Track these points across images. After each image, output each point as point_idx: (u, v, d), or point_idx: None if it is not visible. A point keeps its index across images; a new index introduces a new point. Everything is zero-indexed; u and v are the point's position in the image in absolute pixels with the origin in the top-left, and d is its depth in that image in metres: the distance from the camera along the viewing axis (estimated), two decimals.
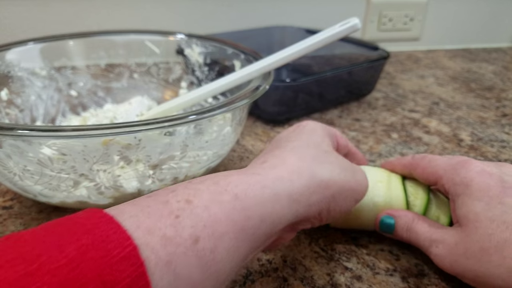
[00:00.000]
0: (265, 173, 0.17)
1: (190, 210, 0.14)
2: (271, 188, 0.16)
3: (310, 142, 0.21)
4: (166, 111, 0.29)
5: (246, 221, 0.15)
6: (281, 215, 0.16)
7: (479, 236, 0.19)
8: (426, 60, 0.68)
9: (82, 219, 0.13)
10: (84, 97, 0.37)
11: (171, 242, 0.13)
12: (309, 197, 0.18)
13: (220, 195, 0.15)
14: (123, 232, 0.12)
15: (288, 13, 0.64)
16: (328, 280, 0.22)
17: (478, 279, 0.19)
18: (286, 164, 0.18)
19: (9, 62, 0.32)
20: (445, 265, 0.21)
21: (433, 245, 0.22)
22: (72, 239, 0.12)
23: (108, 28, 0.55)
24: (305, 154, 0.19)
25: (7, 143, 0.21)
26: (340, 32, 0.24)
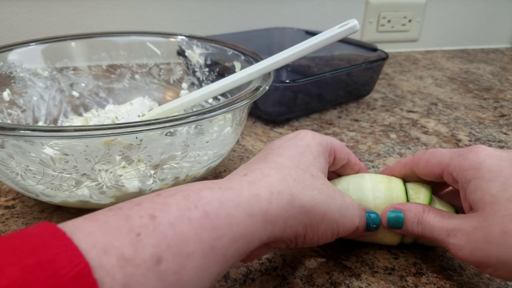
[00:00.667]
0: (241, 189, 0.16)
1: (153, 227, 0.13)
2: (245, 208, 0.15)
3: (300, 161, 0.19)
4: (167, 112, 0.29)
5: (216, 241, 0.14)
6: (254, 236, 0.15)
7: (499, 218, 0.18)
8: (424, 61, 0.69)
9: (33, 235, 0.12)
10: (86, 97, 0.37)
11: (129, 263, 0.12)
12: (285, 221, 0.17)
13: (188, 212, 0.14)
14: (74, 249, 0.11)
15: (287, 15, 0.64)
16: (327, 278, 0.23)
17: (502, 265, 0.18)
18: (267, 182, 0.17)
19: (11, 62, 0.32)
20: (465, 254, 0.19)
21: (450, 234, 0.20)
22: (19, 258, 0.11)
23: (110, 29, 0.55)
24: (289, 174, 0.18)
25: (10, 143, 0.22)
26: (339, 34, 0.25)
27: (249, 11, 0.62)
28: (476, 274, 0.23)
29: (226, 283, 0.22)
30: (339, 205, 0.19)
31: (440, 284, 0.23)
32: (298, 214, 0.17)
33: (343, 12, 0.67)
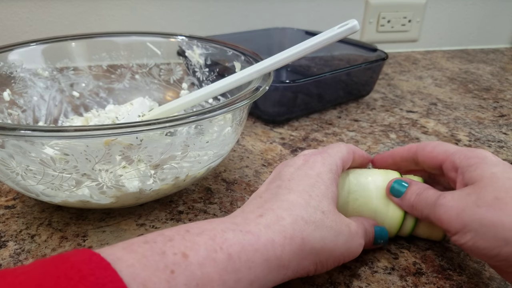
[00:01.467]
0: (259, 233, 0.17)
1: (185, 266, 0.14)
2: (262, 253, 0.17)
3: (311, 196, 0.20)
4: (167, 112, 0.29)
5: (236, 283, 0.15)
6: (268, 279, 0.17)
7: (495, 188, 0.19)
8: (424, 61, 0.69)
9: (79, 262, 0.13)
10: (86, 97, 0.37)
11: None
12: (298, 263, 0.18)
13: (215, 253, 0.15)
14: (120, 281, 0.12)
15: (287, 15, 0.64)
16: (327, 278, 0.23)
17: (483, 229, 0.18)
18: (280, 226, 0.18)
19: (11, 63, 0.32)
20: (450, 216, 0.19)
21: (441, 196, 0.20)
22: (69, 284, 0.12)
23: (110, 29, 0.55)
24: (301, 216, 0.18)
25: (10, 143, 0.22)
26: (339, 34, 0.25)
27: (249, 11, 0.62)
28: (476, 273, 0.23)
29: None
30: (345, 239, 0.20)
31: (439, 284, 0.23)
32: (309, 255, 0.18)
33: (343, 12, 0.67)
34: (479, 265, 0.24)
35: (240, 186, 0.31)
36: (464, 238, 0.19)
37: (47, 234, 0.26)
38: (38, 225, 0.26)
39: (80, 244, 0.25)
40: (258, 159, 0.36)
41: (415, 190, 0.23)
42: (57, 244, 0.25)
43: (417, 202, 0.22)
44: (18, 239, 0.25)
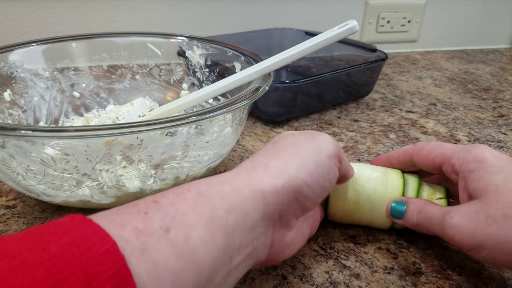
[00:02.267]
0: (223, 175, 0.18)
1: (157, 208, 0.15)
2: (230, 184, 0.17)
3: (267, 145, 0.21)
4: (168, 112, 0.29)
5: (212, 212, 0.16)
6: (247, 205, 0.17)
7: (502, 204, 0.19)
8: (423, 61, 0.69)
9: (61, 222, 0.13)
10: (87, 98, 0.37)
11: (142, 232, 0.14)
12: (272, 183, 0.18)
13: (183, 194, 0.16)
14: (102, 231, 0.13)
15: (287, 16, 0.64)
16: (327, 278, 0.23)
17: (499, 246, 0.19)
18: (241, 167, 0.19)
19: (12, 63, 0.32)
20: (463, 235, 0.20)
21: (447, 216, 0.21)
22: (53, 239, 0.12)
23: (110, 30, 0.55)
24: (256, 155, 0.20)
25: (11, 143, 0.22)
26: (338, 34, 0.25)
27: (249, 12, 0.62)
28: (475, 273, 0.24)
29: None
30: (305, 141, 0.20)
31: (439, 283, 0.23)
32: (279, 174, 0.18)
33: (342, 13, 0.67)
34: (478, 265, 0.24)
35: None
36: (480, 254, 0.20)
37: None
38: (39, 225, 0.27)
39: None
40: None
41: (415, 208, 0.23)
42: None
43: (421, 220, 0.23)
44: None
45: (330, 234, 0.26)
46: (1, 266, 0.11)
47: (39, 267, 0.11)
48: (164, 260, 0.14)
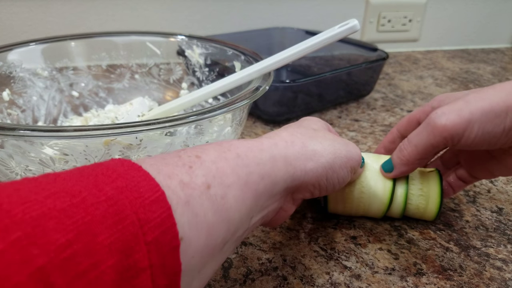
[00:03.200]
0: (261, 141, 0.19)
1: (200, 163, 0.16)
2: (268, 152, 0.18)
3: (302, 124, 0.23)
4: (167, 112, 0.29)
5: (248, 176, 0.17)
6: (278, 175, 0.18)
7: (468, 93, 0.23)
8: (424, 61, 0.69)
9: (113, 165, 0.14)
10: (86, 97, 0.37)
11: (187, 186, 0.15)
12: (304, 163, 0.19)
13: (224, 153, 0.17)
14: (152, 179, 0.14)
15: (287, 15, 0.64)
16: (327, 279, 0.23)
17: (484, 115, 0.21)
18: (280, 136, 0.20)
19: (11, 62, 0.32)
20: (454, 119, 0.21)
21: (432, 115, 0.22)
22: (108, 181, 0.13)
23: (109, 29, 0.55)
24: (296, 131, 0.21)
25: (9, 143, 0.22)
26: (339, 33, 0.25)
27: (249, 11, 0.62)
28: (477, 274, 0.23)
29: (226, 283, 0.22)
30: (342, 144, 0.22)
31: (440, 284, 0.23)
32: (313, 156, 0.20)
33: (343, 12, 0.67)
34: (479, 266, 0.24)
35: None
36: (473, 132, 0.21)
37: None
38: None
39: None
40: None
41: (396, 151, 0.25)
42: None
43: (411, 141, 0.24)
44: None
45: (330, 235, 0.26)
46: (64, 202, 0.12)
47: (98, 207, 0.12)
48: (203, 214, 0.15)
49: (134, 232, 0.12)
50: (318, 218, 0.28)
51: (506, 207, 0.30)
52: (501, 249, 0.25)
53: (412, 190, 0.26)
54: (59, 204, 0.11)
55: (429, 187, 0.26)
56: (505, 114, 0.21)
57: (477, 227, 0.27)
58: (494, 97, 0.21)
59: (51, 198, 0.12)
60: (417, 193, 0.26)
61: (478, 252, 0.25)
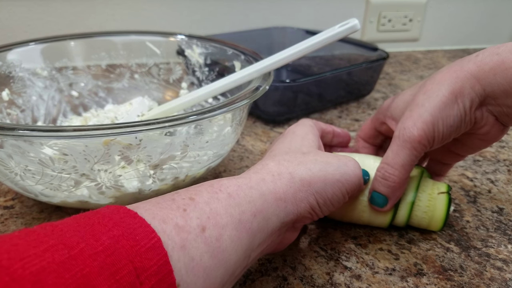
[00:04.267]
0: (249, 177, 0.19)
1: (194, 205, 0.16)
2: (257, 189, 0.18)
3: (290, 147, 0.23)
4: (167, 112, 0.29)
5: (241, 215, 0.17)
6: (270, 212, 0.18)
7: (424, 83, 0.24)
8: (425, 60, 0.69)
9: (108, 213, 0.14)
10: (85, 97, 0.37)
11: (183, 230, 0.15)
12: (294, 195, 0.19)
13: (216, 194, 0.17)
14: (147, 225, 0.14)
15: (288, 14, 0.64)
16: (327, 279, 0.23)
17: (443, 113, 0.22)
18: (267, 169, 0.20)
19: (10, 62, 0.32)
20: (419, 125, 0.22)
21: (402, 131, 0.23)
22: (104, 230, 0.13)
23: (109, 28, 0.55)
24: (283, 159, 0.21)
25: (9, 143, 0.22)
26: (339, 33, 0.25)
27: (249, 10, 0.62)
28: (477, 274, 0.23)
29: None
30: (336, 166, 0.21)
31: (440, 284, 0.22)
32: (302, 187, 0.19)
33: (343, 12, 0.67)
34: (480, 266, 0.24)
35: None
36: (440, 130, 0.22)
37: None
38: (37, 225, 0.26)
39: None
40: (258, 159, 0.36)
41: (378, 175, 0.24)
42: None
43: (394, 164, 0.23)
44: None
45: (331, 235, 0.26)
46: (62, 255, 0.12)
47: (96, 258, 0.12)
48: (199, 257, 0.15)
49: (131, 282, 0.12)
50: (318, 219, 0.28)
51: (506, 207, 0.30)
52: (501, 249, 0.25)
53: (418, 202, 0.25)
54: (58, 257, 0.12)
55: (435, 202, 0.25)
56: (456, 103, 0.22)
57: (477, 227, 0.27)
58: (439, 91, 0.22)
59: (50, 251, 0.12)
60: (423, 204, 0.25)
61: (479, 253, 0.25)
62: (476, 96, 0.22)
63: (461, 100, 0.22)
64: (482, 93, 0.22)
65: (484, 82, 0.22)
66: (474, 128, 0.24)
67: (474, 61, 0.22)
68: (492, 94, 0.22)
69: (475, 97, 0.22)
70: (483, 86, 0.22)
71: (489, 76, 0.21)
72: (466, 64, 0.22)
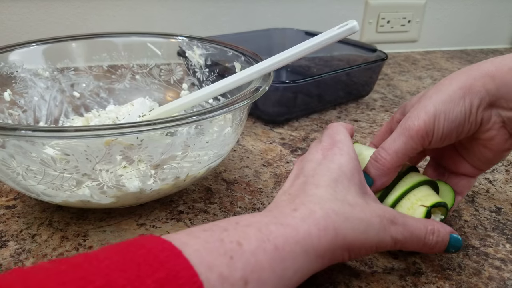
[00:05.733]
0: (297, 226, 0.19)
1: (241, 253, 0.16)
2: (302, 245, 0.18)
3: (336, 191, 0.21)
4: (168, 112, 0.29)
5: (283, 272, 0.17)
6: (309, 268, 0.18)
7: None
8: (423, 61, 0.69)
9: (154, 251, 0.15)
10: (87, 98, 0.37)
11: (226, 281, 0.15)
12: (333, 252, 0.19)
13: (264, 243, 0.17)
14: (191, 268, 0.14)
15: (287, 16, 0.64)
16: (327, 278, 0.23)
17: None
18: (314, 218, 0.19)
19: (12, 63, 0.32)
20: (420, 115, 0.22)
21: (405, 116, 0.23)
22: (149, 272, 0.14)
23: (110, 30, 0.55)
24: (331, 210, 0.20)
25: (11, 143, 0.22)
26: (338, 34, 0.25)
27: (249, 12, 0.62)
28: (475, 273, 0.24)
29: None
30: (377, 230, 0.20)
31: (439, 283, 0.23)
32: (342, 245, 0.19)
33: (342, 13, 0.67)
34: (478, 265, 0.24)
35: (240, 186, 0.32)
36: (441, 123, 0.22)
37: (48, 234, 0.26)
38: (39, 225, 0.27)
39: (81, 244, 0.25)
40: (258, 159, 0.36)
41: None
42: (57, 244, 0.25)
43: (388, 149, 0.23)
44: (19, 239, 0.25)
45: None
46: None
47: None
48: None
49: None
50: None
51: (504, 207, 0.30)
52: (499, 248, 0.26)
53: (398, 208, 0.24)
54: None
55: (413, 212, 0.23)
56: (463, 99, 0.22)
57: (475, 226, 0.28)
58: (450, 86, 0.22)
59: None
60: (401, 211, 0.24)
61: (477, 252, 0.25)
62: (486, 95, 0.22)
63: (469, 97, 0.22)
64: (495, 92, 0.22)
65: (499, 81, 0.21)
66: (479, 131, 0.23)
67: (493, 61, 0.22)
68: (506, 95, 0.21)
69: (485, 95, 0.22)
70: (498, 86, 0.21)
71: (506, 76, 0.21)
72: (484, 64, 0.22)
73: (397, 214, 0.21)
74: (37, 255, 0.24)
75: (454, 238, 0.22)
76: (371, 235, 0.20)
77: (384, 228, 0.20)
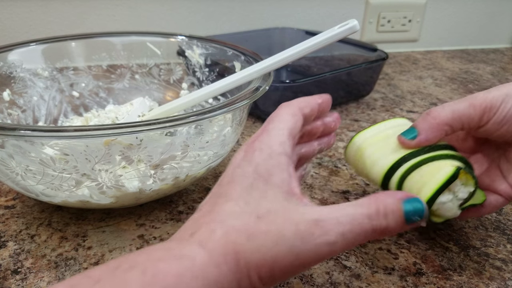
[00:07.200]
0: (193, 255, 0.15)
1: None
2: (202, 278, 0.15)
3: (248, 202, 0.17)
4: (167, 112, 0.29)
5: None
6: None
7: None
8: (424, 61, 0.69)
9: None
10: (86, 97, 0.37)
11: None
12: (239, 283, 0.15)
13: None
14: None
15: (287, 15, 0.64)
16: (327, 278, 0.23)
17: None
18: (212, 241, 0.16)
19: (11, 63, 0.32)
20: (493, 93, 0.23)
21: (469, 97, 0.23)
22: None
23: (110, 29, 0.55)
24: (232, 227, 0.16)
25: (10, 143, 0.22)
26: (339, 34, 0.25)
27: (249, 11, 0.62)
28: (476, 274, 0.23)
29: None
30: (291, 243, 0.16)
31: (440, 284, 0.23)
32: (248, 272, 0.16)
33: (343, 12, 0.67)
34: (479, 265, 0.24)
35: None
36: (508, 105, 0.22)
37: (47, 234, 0.26)
38: (38, 225, 0.26)
39: (80, 244, 0.25)
40: None
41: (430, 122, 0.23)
42: (57, 244, 0.25)
43: (447, 106, 0.23)
44: (18, 239, 0.25)
45: None
46: None
47: None
48: None
49: None
50: None
51: (505, 207, 0.30)
52: (500, 248, 0.25)
53: (412, 175, 0.22)
54: None
55: (431, 177, 0.21)
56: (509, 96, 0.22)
57: (476, 227, 0.28)
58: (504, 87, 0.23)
59: None
60: (420, 171, 0.22)
61: (478, 252, 0.25)
62: None
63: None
64: None
65: None
66: None
67: None
68: None
69: None
70: None
71: None
72: None
73: (325, 212, 0.16)
74: (36, 256, 0.24)
75: (408, 204, 0.16)
76: (283, 250, 0.15)
77: (302, 237, 0.16)
